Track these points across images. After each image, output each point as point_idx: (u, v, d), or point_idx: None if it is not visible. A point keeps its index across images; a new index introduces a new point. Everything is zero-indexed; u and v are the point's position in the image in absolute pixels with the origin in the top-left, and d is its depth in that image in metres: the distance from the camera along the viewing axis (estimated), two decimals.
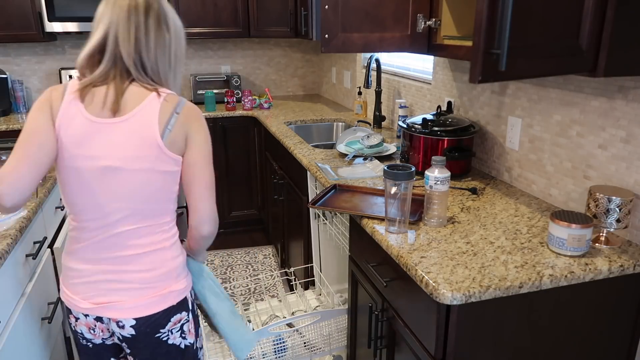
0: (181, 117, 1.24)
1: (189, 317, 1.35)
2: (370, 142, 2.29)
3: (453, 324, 1.19)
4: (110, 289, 1.26)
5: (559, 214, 1.32)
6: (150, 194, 1.23)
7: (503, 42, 1.10)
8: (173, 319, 1.31)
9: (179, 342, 1.34)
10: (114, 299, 1.26)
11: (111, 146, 1.19)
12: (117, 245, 1.25)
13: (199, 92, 3.90)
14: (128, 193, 1.22)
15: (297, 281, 2.37)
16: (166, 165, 1.23)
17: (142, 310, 1.27)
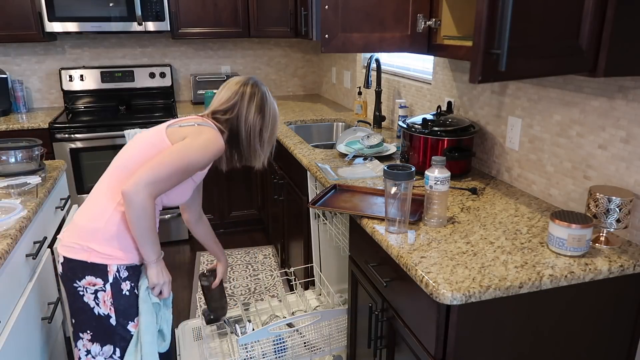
0: (195, 127, 1.50)
1: (106, 288, 1.45)
2: (370, 142, 2.29)
3: (453, 324, 1.19)
4: (68, 227, 1.51)
5: (559, 214, 1.32)
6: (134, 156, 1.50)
7: (503, 42, 1.10)
8: (87, 278, 1.44)
9: (92, 305, 1.46)
10: (63, 235, 1.50)
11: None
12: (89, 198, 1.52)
13: (199, 92, 3.90)
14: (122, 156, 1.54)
15: (297, 281, 2.37)
16: (157, 141, 1.49)
17: (66, 251, 1.45)
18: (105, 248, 1.44)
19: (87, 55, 3.84)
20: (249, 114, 1.61)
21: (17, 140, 2.11)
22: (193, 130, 1.50)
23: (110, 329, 1.48)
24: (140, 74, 3.83)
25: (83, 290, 1.45)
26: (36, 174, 2.02)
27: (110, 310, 1.46)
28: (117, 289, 1.46)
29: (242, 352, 1.88)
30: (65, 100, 3.76)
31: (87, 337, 1.48)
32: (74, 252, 1.44)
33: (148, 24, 3.46)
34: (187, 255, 3.56)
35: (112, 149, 3.38)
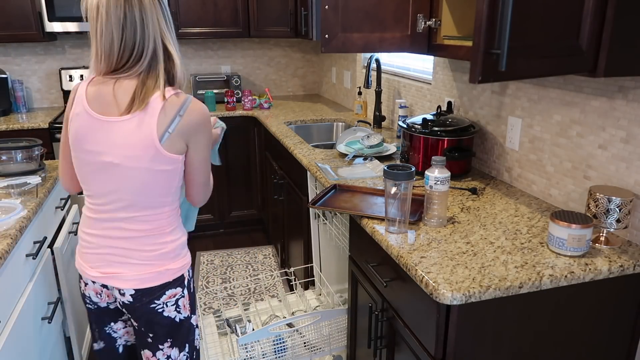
0: (184, 120, 1.27)
1: (184, 292, 1.46)
2: (370, 142, 2.29)
3: (453, 324, 1.19)
4: (115, 261, 1.38)
5: (559, 214, 1.32)
6: (147, 189, 1.31)
7: (503, 42, 1.10)
8: (168, 293, 1.42)
9: (173, 316, 1.45)
10: (118, 271, 1.39)
11: (112, 144, 1.27)
12: (120, 228, 1.36)
13: (199, 92, 3.90)
14: (126, 187, 1.30)
15: (297, 281, 2.37)
16: (163, 165, 1.29)
17: (141, 283, 1.38)
18: (179, 260, 1.43)
19: (87, 55, 3.84)
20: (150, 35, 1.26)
21: (17, 140, 2.11)
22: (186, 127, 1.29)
23: (187, 329, 1.49)
24: None
25: (162, 306, 1.42)
26: (36, 174, 2.02)
27: (189, 311, 1.48)
28: (190, 289, 1.48)
29: (242, 352, 1.88)
30: (66, 100, 3.76)
31: (167, 345, 1.47)
32: (149, 281, 1.39)
33: None
34: None
35: None
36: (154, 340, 1.47)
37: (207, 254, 3.54)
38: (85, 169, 1.33)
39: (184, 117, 1.27)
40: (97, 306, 1.48)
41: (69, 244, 2.14)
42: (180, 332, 1.48)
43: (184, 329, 1.49)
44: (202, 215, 3.76)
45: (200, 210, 3.73)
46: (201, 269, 3.32)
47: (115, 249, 1.38)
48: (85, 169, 1.33)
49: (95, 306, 1.48)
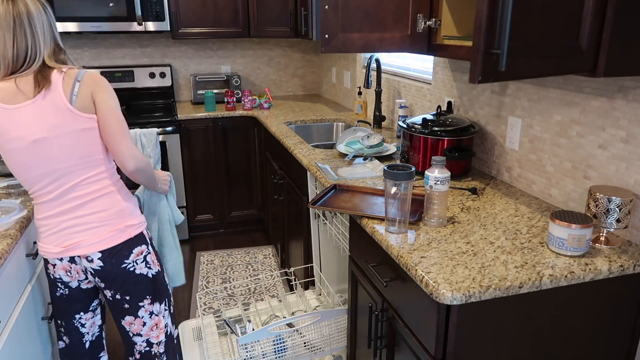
0: (83, 83, 1.43)
1: (149, 249, 1.58)
2: (370, 142, 2.29)
3: (453, 324, 1.19)
4: (75, 232, 1.48)
5: (559, 214, 1.32)
6: (77, 151, 1.44)
7: (503, 42, 1.10)
8: (135, 251, 1.53)
9: (146, 272, 1.56)
10: (79, 239, 1.48)
11: (32, 123, 1.39)
12: (68, 198, 1.47)
13: (199, 92, 3.90)
14: (59, 157, 1.42)
15: (297, 281, 2.37)
16: (82, 124, 1.42)
17: (104, 244, 1.48)
18: (135, 218, 1.55)
19: (87, 55, 3.84)
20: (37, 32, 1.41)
21: None
22: (87, 87, 1.43)
23: (162, 283, 1.61)
24: (140, 74, 3.83)
25: (133, 264, 1.53)
26: None
27: (159, 266, 1.61)
28: (152, 245, 1.61)
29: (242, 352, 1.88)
30: None
31: (147, 302, 1.58)
32: (112, 240, 1.49)
33: (148, 24, 3.47)
34: (187, 255, 3.56)
35: None
36: (132, 301, 1.56)
37: (207, 254, 3.54)
38: (17, 158, 1.42)
39: (82, 81, 1.42)
40: (68, 289, 1.56)
41: None
42: (156, 286, 1.59)
43: (159, 282, 1.60)
44: (202, 215, 3.76)
45: (200, 210, 3.74)
46: (201, 269, 3.32)
47: (72, 219, 1.47)
48: (17, 158, 1.42)
49: (67, 289, 1.56)
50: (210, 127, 3.58)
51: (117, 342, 2.60)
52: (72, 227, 1.48)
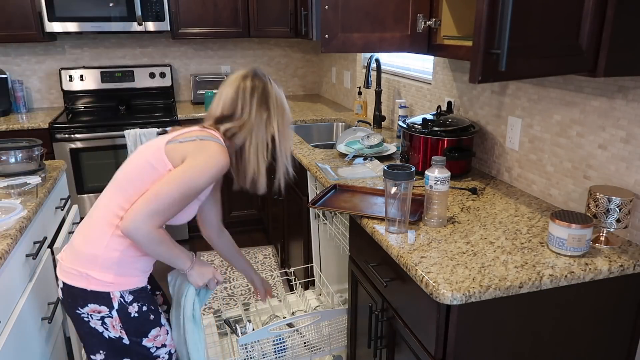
0: (196, 142, 1.39)
1: (112, 314, 1.39)
2: (370, 142, 2.29)
3: (453, 324, 1.19)
4: (69, 244, 1.45)
5: (559, 214, 1.32)
6: (132, 173, 1.39)
7: (503, 42, 1.10)
8: (90, 306, 1.37)
9: (100, 330, 1.40)
10: (62, 256, 1.44)
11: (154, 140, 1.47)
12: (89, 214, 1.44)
13: (199, 92, 3.90)
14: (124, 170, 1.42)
15: (297, 281, 2.37)
16: (156, 161, 1.38)
17: (65, 276, 1.39)
18: (105, 275, 1.37)
19: (87, 55, 3.84)
20: (252, 111, 1.47)
21: (17, 140, 2.11)
22: (194, 147, 1.37)
23: (124, 347, 1.43)
24: (140, 74, 3.83)
25: (88, 316, 1.39)
26: (36, 174, 2.02)
27: (121, 333, 1.41)
28: (124, 313, 1.40)
29: (242, 352, 1.88)
30: (65, 101, 3.76)
31: (101, 357, 1.43)
32: (73, 278, 1.38)
33: (148, 24, 3.46)
34: None
35: (112, 149, 3.38)
36: (86, 349, 1.43)
37: (207, 254, 3.54)
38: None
39: (197, 141, 1.39)
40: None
41: None
42: (114, 348, 1.41)
43: (118, 346, 1.41)
44: None
45: None
46: None
47: (76, 233, 1.44)
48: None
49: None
50: None
51: None
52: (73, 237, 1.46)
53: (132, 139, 3.31)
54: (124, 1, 3.37)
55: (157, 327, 1.47)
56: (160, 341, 1.49)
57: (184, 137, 1.40)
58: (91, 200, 3.43)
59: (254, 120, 1.48)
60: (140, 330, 1.44)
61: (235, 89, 1.49)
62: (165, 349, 1.50)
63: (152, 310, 1.47)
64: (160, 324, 1.48)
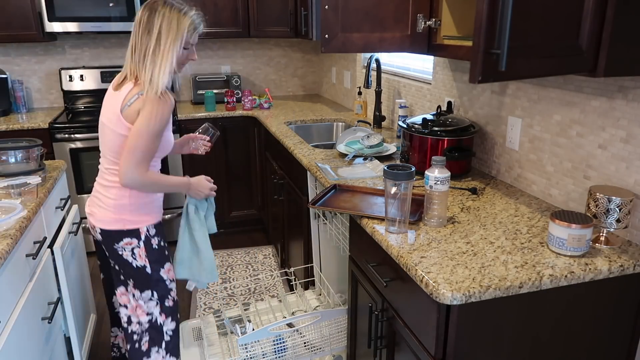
0: (140, 98, 1.64)
1: (140, 244, 1.77)
2: (370, 142, 2.29)
3: (453, 324, 1.19)
4: (94, 203, 1.80)
5: (559, 214, 1.32)
6: (113, 147, 1.70)
7: (503, 42, 1.10)
8: (125, 240, 1.76)
9: (130, 261, 1.78)
10: (93, 210, 1.80)
11: (105, 107, 1.73)
12: (100, 177, 1.79)
13: (199, 92, 3.90)
14: (104, 141, 1.73)
15: (297, 281, 2.37)
16: (121, 129, 1.66)
17: (104, 225, 1.76)
18: (136, 216, 1.76)
19: (87, 55, 3.84)
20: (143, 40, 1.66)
21: (17, 140, 2.11)
22: (141, 102, 1.63)
23: (147, 277, 1.80)
24: None
25: (122, 250, 1.76)
26: (36, 174, 2.02)
27: (145, 262, 1.79)
28: (148, 245, 1.79)
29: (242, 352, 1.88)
30: (65, 100, 3.76)
31: (132, 284, 1.80)
32: (110, 224, 1.75)
33: None
34: None
35: None
36: (123, 277, 1.80)
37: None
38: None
39: (141, 97, 1.63)
40: (95, 240, 1.87)
41: (69, 244, 2.14)
42: (139, 276, 1.79)
43: (142, 276, 1.79)
44: None
45: None
46: None
47: (95, 192, 1.80)
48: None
49: (94, 238, 1.86)
50: None
51: None
52: (94, 197, 1.80)
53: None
54: (124, 1, 3.37)
55: (169, 262, 1.85)
56: (172, 276, 1.86)
57: (129, 99, 1.65)
58: None
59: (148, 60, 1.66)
60: (159, 260, 1.81)
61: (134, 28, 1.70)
62: (174, 284, 1.87)
63: (166, 247, 1.85)
64: (170, 260, 1.87)
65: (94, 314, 2.53)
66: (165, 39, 1.64)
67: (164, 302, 1.84)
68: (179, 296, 3.03)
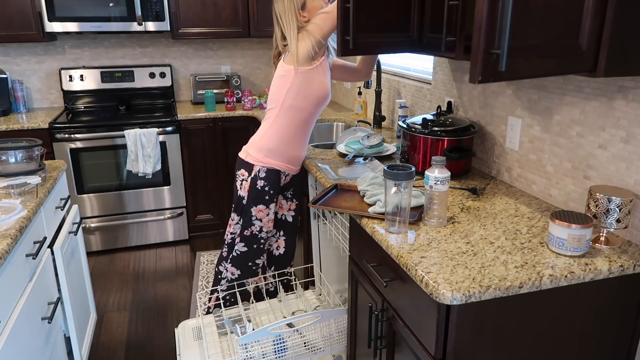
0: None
1: (248, 179, 2.13)
2: (370, 142, 2.29)
3: (453, 324, 1.19)
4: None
5: (559, 214, 1.32)
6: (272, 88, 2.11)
7: (503, 42, 1.10)
8: (240, 170, 2.16)
9: (238, 189, 2.18)
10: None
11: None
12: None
13: (199, 92, 3.90)
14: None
15: (297, 281, 2.37)
16: (282, 72, 2.07)
17: (240, 153, 2.20)
18: (256, 154, 2.11)
19: (87, 55, 3.84)
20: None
21: (17, 140, 2.11)
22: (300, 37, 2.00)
23: (243, 206, 2.16)
24: (140, 74, 3.84)
25: (237, 177, 2.16)
26: (36, 174, 2.02)
27: (246, 194, 2.13)
28: (254, 182, 2.12)
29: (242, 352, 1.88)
30: (65, 100, 3.76)
31: (233, 207, 2.22)
32: (241, 153, 2.16)
33: (148, 24, 3.47)
34: (187, 255, 3.56)
35: (112, 149, 3.38)
36: (234, 199, 2.22)
37: (207, 254, 3.54)
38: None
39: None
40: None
41: (69, 244, 2.14)
42: (238, 202, 2.18)
43: (240, 203, 2.17)
44: (202, 215, 3.76)
45: (200, 210, 3.74)
46: (201, 269, 3.32)
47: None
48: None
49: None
50: (210, 127, 3.58)
51: (118, 342, 2.60)
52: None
53: (132, 139, 3.31)
54: (124, 1, 3.37)
55: (264, 205, 2.14)
56: (261, 216, 2.16)
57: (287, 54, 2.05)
58: (91, 200, 3.43)
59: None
60: (254, 199, 2.13)
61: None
62: (259, 222, 2.17)
63: (270, 193, 2.14)
64: (267, 206, 2.15)
65: (94, 314, 2.53)
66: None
67: (245, 230, 2.21)
68: (176, 295, 3.03)
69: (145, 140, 3.33)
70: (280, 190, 2.21)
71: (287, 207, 2.33)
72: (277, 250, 2.37)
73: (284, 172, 2.17)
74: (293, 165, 2.19)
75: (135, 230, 3.61)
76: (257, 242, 2.20)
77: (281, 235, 2.36)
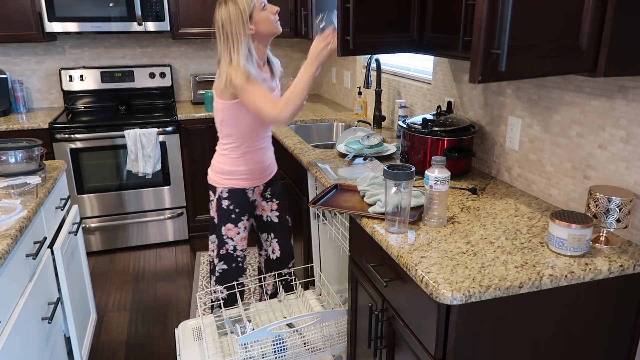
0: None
1: (213, 199, 2.16)
2: (370, 142, 2.29)
3: (453, 324, 1.19)
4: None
5: (559, 214, 1.32)
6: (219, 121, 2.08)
7: (503, 42, 1.10)
8: (210, 191, 2.19)
9: (210, 207, 2.21)
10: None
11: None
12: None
13: (199, 92, 3.90)
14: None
15: (297, 281, 2.37)
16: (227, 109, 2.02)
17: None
18: (215, 177, 2.14)
19: (87, 56, 3.84)
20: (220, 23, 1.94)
21: (17, 140, 2.11)
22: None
23: (214, 225, 2.17)
24: (140, 74, 3.84)
25: (210, 199, 2.20)
26: (36, 174, 2.02)
27: (215, 214, 2.16)
28: (219, 203, 2.14)
29: (242, 352, 1.88)
30: (65, 101, 3.76)
31: (210, 225, 2.21)
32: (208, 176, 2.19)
33: (148, 24, 3.47)
34: (187, 255, 3.56)
35: (112, 149, 3.38)
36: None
37: (207, 254, 3.53)
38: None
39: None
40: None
41: (69, 244, 2.14)
42: (211, 223, 2.19)
43: (212, 223, 2.19)
44: (202, 215, 3.76)
45: (200, 210, 3.74)
46: (201, 269, 3.32)
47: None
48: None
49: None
50: (210, 127, 3.58)
51: (118, 342, 2.60)
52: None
53: (132, 139, 3.31)
54: (124, 1, 3.37)
55: (232, 224, 2.15)
56: (231, 235, 2.16)
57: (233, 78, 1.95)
58: (91, 200, 3.43)
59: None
60: (222, 219, 2.15)
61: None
62: (232, 241, 2.17)
63: (237, 212, 2.14)
64: (236, 224, 2.16)
65: (94, 314, 2.53)
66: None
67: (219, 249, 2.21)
68: (176, 295, 3.03)
69: (145, 140, 3.33)
70: (249, 206, 2.20)
71: (269, 208, 2.30)
72: (274, 254, 2.37)
73: (249, 188, 2.16)
74: (258, 177, 2.17)
75: (135, 230, 3.62)
76: (235, 260, 2.20)
77: (272, 238, 2.35)
